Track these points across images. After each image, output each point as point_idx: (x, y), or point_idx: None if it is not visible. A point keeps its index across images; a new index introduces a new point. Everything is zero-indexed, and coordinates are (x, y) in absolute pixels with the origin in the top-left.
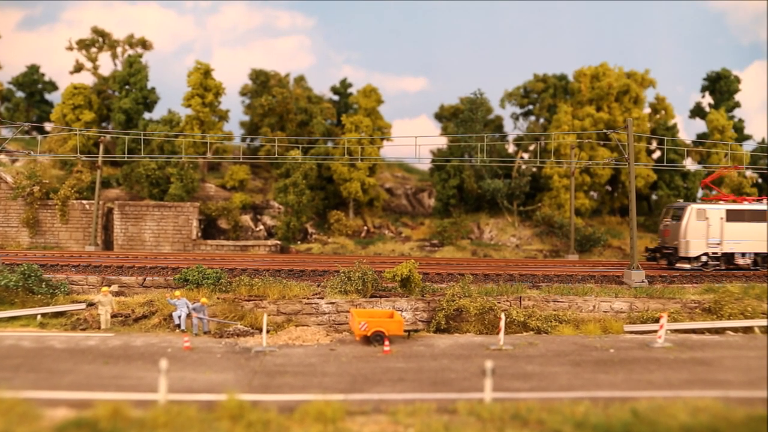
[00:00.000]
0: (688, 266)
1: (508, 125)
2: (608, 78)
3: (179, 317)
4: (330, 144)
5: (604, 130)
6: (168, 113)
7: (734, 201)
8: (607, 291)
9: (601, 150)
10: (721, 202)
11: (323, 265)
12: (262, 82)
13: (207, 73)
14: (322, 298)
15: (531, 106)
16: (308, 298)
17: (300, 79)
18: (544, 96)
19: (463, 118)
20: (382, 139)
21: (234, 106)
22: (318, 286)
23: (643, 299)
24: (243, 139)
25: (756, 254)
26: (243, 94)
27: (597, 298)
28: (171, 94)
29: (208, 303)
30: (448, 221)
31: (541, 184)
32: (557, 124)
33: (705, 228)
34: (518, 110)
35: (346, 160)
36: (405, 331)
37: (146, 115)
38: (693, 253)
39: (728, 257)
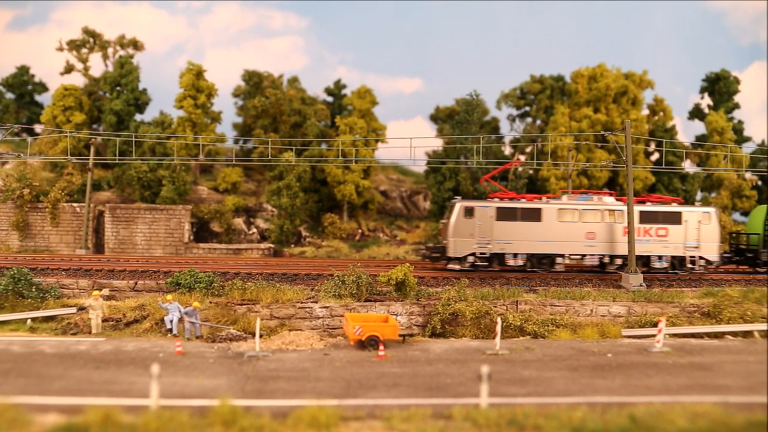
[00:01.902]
0: (457, 267)
1: (505, 127)
2: (606, 79)
3: (171, 321)
4: (324, 146)
5: (602, 132)
6: (160, 115)
7: (512, 198)
8: (604, 295)
9: (598, 152)
10: (497, 199)
11: (317, 268)
12: (255, 84)
13: (199, 74)
14: (316, 302)
15: (527, 108)
16: (302, 302)
17: (293, 80)
18: (540, 97)
19: (459, 120)
20: (376, 141)
21: (227, 107)
22: (312, 290)
23: (642, 303)
24: (236, 141)
25: (530, 255)
26: (236, 95)
27: (594, 302)
28: (163, 96)
29: (200, 307)
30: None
31: (538, 187)
32: (554, 125)
33: (473, 226)
34: (515, 112)
35: (341, 162)
36: (400, 335)
37: (138, 117)
38: (460, 253)
39: (499, 258)
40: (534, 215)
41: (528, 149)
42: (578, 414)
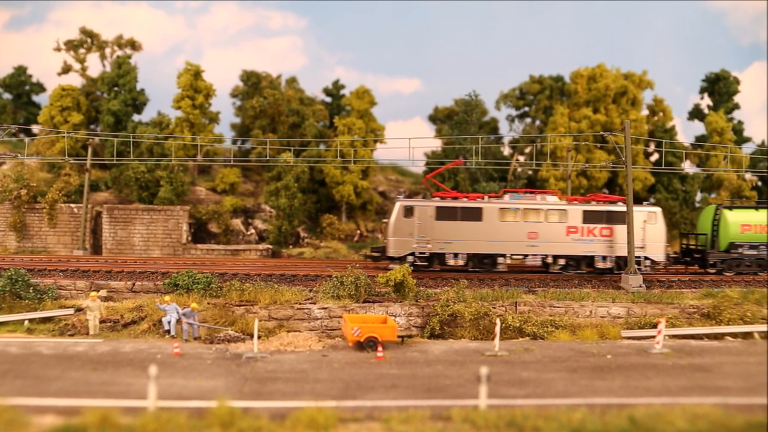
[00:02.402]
0: (397, 267)
1: (504, 127)
2: (605, 79)
3: (169, 323)
4: (322, 146)
5: (601, 133)
6: (158, 115)
7: (455, 198)
8: (604, 296)
9: (598, 152)
10: (438, 199)
11: (315, 269)
12: (253, 84)
13: (197, 74)
14: (315, 304)
15: (527, 108)
16: (300, 304)
17: (292, 81)
18: (540, 98)
19: (458, 120)
20: (375, 142)
21: (225, 107)
22: (310, 291)
23: (641, 304)
24: (234, 142)
25: (470, 255)
26: (234, 95)
27: (594, 303)
28: (161, 96)
29: (198, 308)
30: None
31: (537, 187)
32: (553, 126)
33: (412, 226)
34: (514, 112)
35: (339, 162)
36: (399, 336)
37: (135, 117)
38: (399, 252)
39: (440, 257)
40: (474, 215)
41: (527, 150)
42: (578, 415)
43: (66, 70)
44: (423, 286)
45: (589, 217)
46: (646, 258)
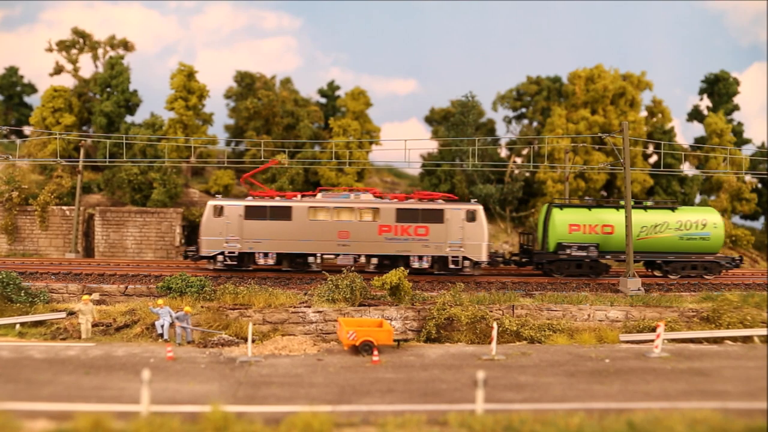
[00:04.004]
0: (211, 266)
1: (501, 129)
2: (603, 80)
3: (162, 326)
4: (317, 148)
5: (599, 134)
6: (151, 116)
7: (261, 197)
8: (602, 299)
9: (596, 154)
10: (250, 198)
11: (310, 272)
12: (247, 85)
13: (191, 75)
14: (309, 307)
15: (524, 109)
16: (295, 307)
17: (286, 82)
18: (537, 99)
19: (454, 122)
20: (370, 143)
21: (218, 109)
22: (305, 294)
23: (640, 308)
24: (228, 143)
25: (280, 254)
26: (228, 96)
27: (592, 307)
28: (154, 97)
29: (191, 312)
30: None
31: (535, 190)
32: (551, 127)
33: (223, 225)
34: (511, 113)
35: (334, 164)
36: (394, 340)
37: (128, 119)
38: (211, 252)
39: (250, 257)
40: (284, 214)
41: (524, 151)
42: (575, 420)
43: (58, 70)
44: (419, 290)
45: (402, 215)
46: (466, 258)
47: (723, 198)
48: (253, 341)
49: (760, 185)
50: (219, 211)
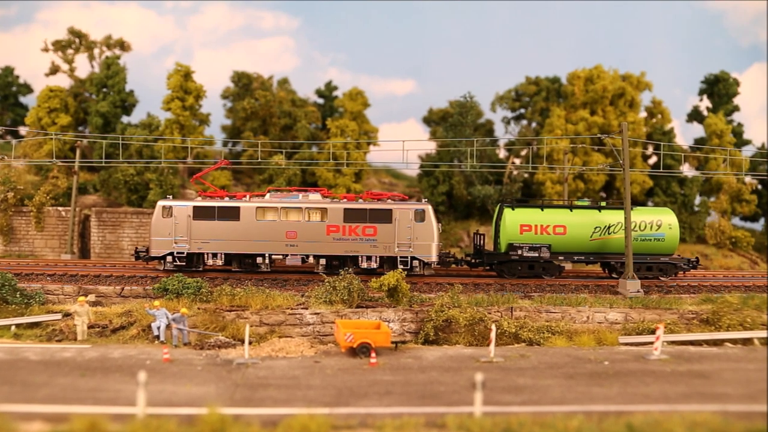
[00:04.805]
0: (161, 267)
1: (499, 129)
2: (603, 81)
3: (158, 328)
4: (315, 149)
5: (599, 135)
6: (147, 117)
7: (211, 197)
8: (601, 301)
9: (595, 155)
10: (199, 198)
11: (307, 274)
12: (244, 85)
13: (187, 75)
14: (307, 309)
15: (523, 110)
16: (292, 309)
17: (284, 82)
18: (536, 99)
19: (453, 122)
20: (368, 144)
21: (215, 109)
22: (302, 296)
23: (639, 310)
24: (224, 144)
25: (229, 254)
26: (225, 96)
27: (591, 309)
28: (150, 97)
29: (188, 313)
30: None
31: (533, 191)
32: (550, 128)
33: (171, 226)
34: (510, 114)
35: (332, 165)
36: (392, 342)
37: (124, 119)
38: (160, 252)
39: (199, 257)
40: (231, 214)
41: (523, 152)
42: (575, 423)
43: (54, 70)
44: (417, 291)
45: (350, 215)
46: (414, 258)
47: (723, 199)
48: (250, 343)
49: (760, 186)
50: (168, 211)
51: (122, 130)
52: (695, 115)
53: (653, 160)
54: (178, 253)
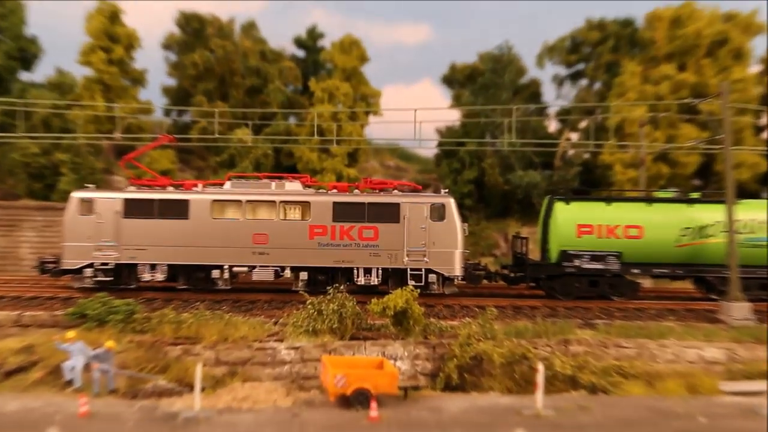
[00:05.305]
0: (76, 285)
1: (549, 93)
2: (696, 22)
3: (72, 369)
4: (293, 120)
5: (690, 100)
6: (57, 74)
7: (148, 187)
8: (693, 332)
9: (685, 128)
10: (133, 188)
11: (283, 293)
12: (194, 31)
13: (114, 16)
14: (282, 341)
15: (582, 65)
16: (261, 342)
17: (250, 27)
18: (600, 50)
19: (484, 83)
20: (367, 114)
21: (154, 64)
22: (275, 323)
23: (749, 345)
24: (167, 113)
25: (174, 266)
26: (167, 47)
27: (679, 343)
28: (62, 46)
29: (115, 348)
30: None
31: (597, 177)
32: (620, 90)
33: (92, 226)
34: (563, 71)
35: (316, 142)
36: (400, 388)
37: (24, 76)
38: (75, 263)
39: (132, 270)
40: (178, 210)
41: (582, 124)
42: None
43: None
44: (435, 317)
45: (342, 212)
46: (431, 272)
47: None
48: (203, 389)
49: None
50: (88, 206)
51: (21, 92)
52: None
53: None
54: (102, 264)
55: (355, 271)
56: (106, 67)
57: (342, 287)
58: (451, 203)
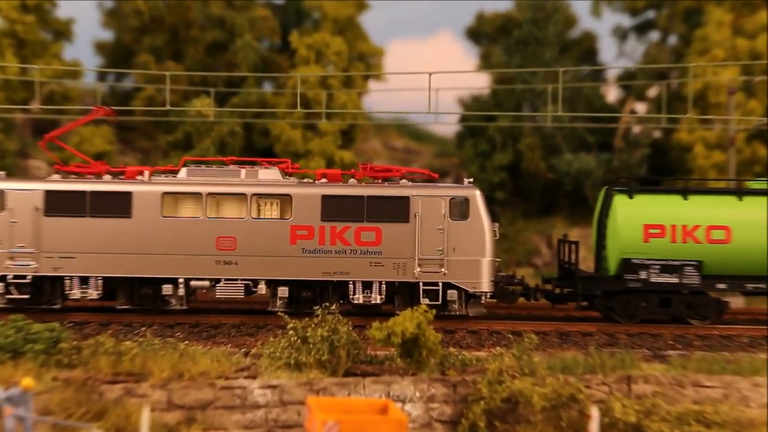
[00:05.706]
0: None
1: (607, 51)
2: None
3: None
4: (268, 87)
5: None
6: None
7: (78, 175)
8: None
9: None
10: (55, 176)
11: (257, 315)
12: None
13: None
14: (255, 378)
15: (652, 13)
16: (228, 379)
17: None
18: None
19: (521, 38)
20: (366, 78)
21: (84, 12)
22: (246, 354)
23: None
24: (101, 77)
25: (111, 279)
26: None
27: None
28: None
29: (34, 388)
30: None
31: (671, 162)
32: (703, 46)
33: (4, 228)
34: (626, 21)
35: (299, 117)
36: None
37: None
38: None
39: (56, 285)
40: (117, 206)
41: (652, 92)
42: None
43: None
44: (456, 345)
45: (333, 208)
46: (450, 286)
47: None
48: None
49: None
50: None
51: None
52: None
53: None
54: (16, 277)
55: (351, 286)
56: (18, 15)
57: (334, 307)
58: (477, 197)
